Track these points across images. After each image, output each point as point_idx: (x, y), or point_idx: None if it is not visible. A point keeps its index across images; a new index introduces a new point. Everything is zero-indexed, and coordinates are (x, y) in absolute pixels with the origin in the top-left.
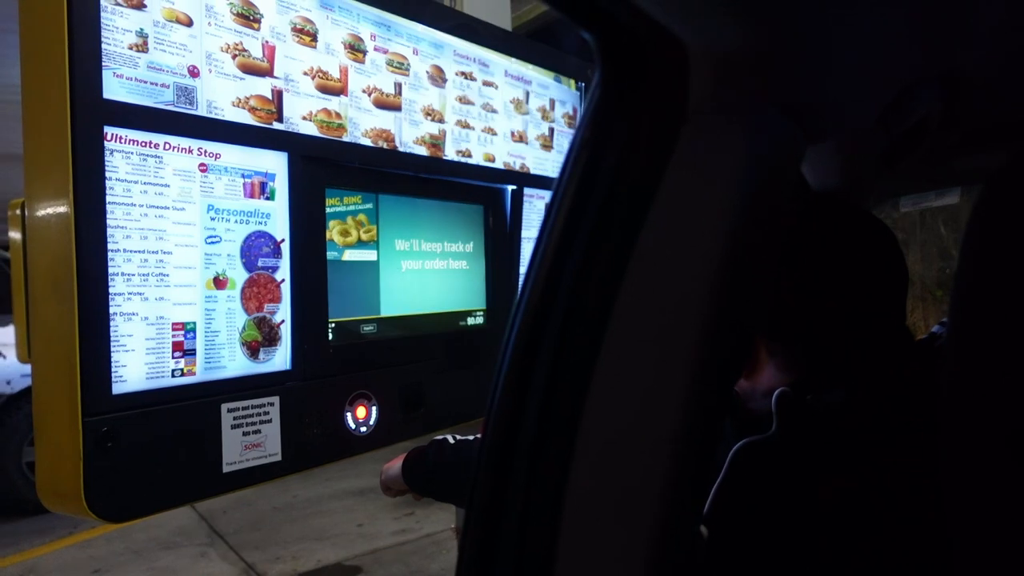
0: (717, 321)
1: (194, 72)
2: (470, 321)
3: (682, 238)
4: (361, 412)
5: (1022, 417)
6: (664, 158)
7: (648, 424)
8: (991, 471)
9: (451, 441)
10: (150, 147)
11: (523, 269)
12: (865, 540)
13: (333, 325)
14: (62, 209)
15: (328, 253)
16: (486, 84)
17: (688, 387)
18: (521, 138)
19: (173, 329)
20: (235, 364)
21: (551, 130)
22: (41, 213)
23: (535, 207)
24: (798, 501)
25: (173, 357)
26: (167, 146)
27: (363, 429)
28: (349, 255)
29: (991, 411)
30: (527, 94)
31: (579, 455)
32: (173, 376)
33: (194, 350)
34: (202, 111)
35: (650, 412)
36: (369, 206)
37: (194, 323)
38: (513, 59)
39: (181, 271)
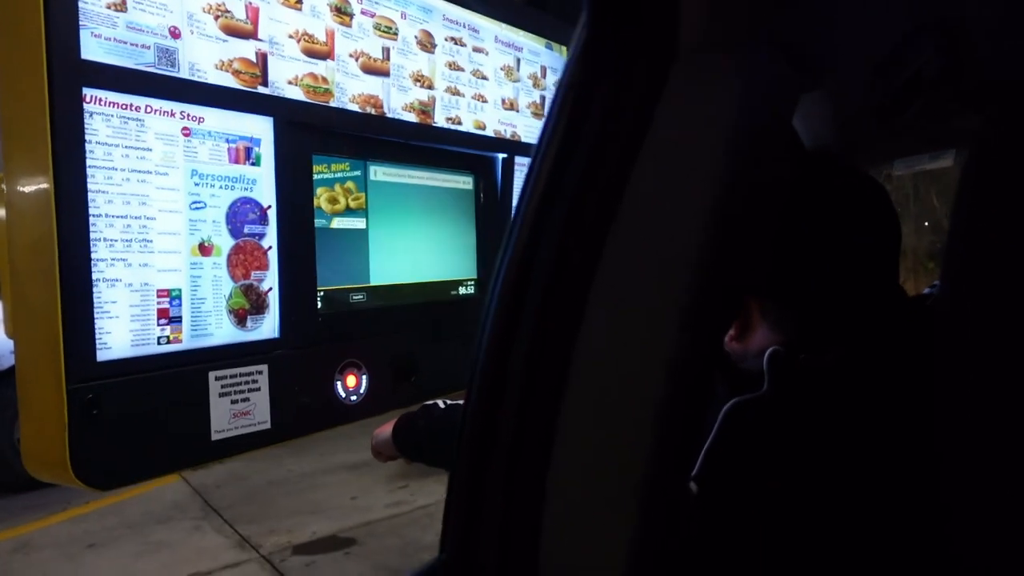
0: (708, 273)
1: (175, 33)
2: (461, 291)
3: (672, 184)
4: (351, 381)
5: (1011, 378)
6: (653, 98)
7: (637, 380)
8: (985, 436)
9: (441, 406)
10: (131, 110)
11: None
12: (857, 502)
13: (322, 293)
14: (41, 172)
15: (316, 221)
16: (476, 50)
17: (678, 341)
18: (512, 106)
19: (158, 296)
20: (222, 332)
21: (542, 98)
22: (20, 176)
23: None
24: (789, 460)
25: (159, 324)
26: (148, 109)
27: (353, 398)
28: (337, 223)
29: (983, 372)
30: (518, 61)
31: (565, 414)
32: (159, 343)
33: (180, 317)
34: (184, 73)
35: (639, 368)
36: (357, 173)
37: (179, 290)
38: (504, 25)
39: (165, 237)
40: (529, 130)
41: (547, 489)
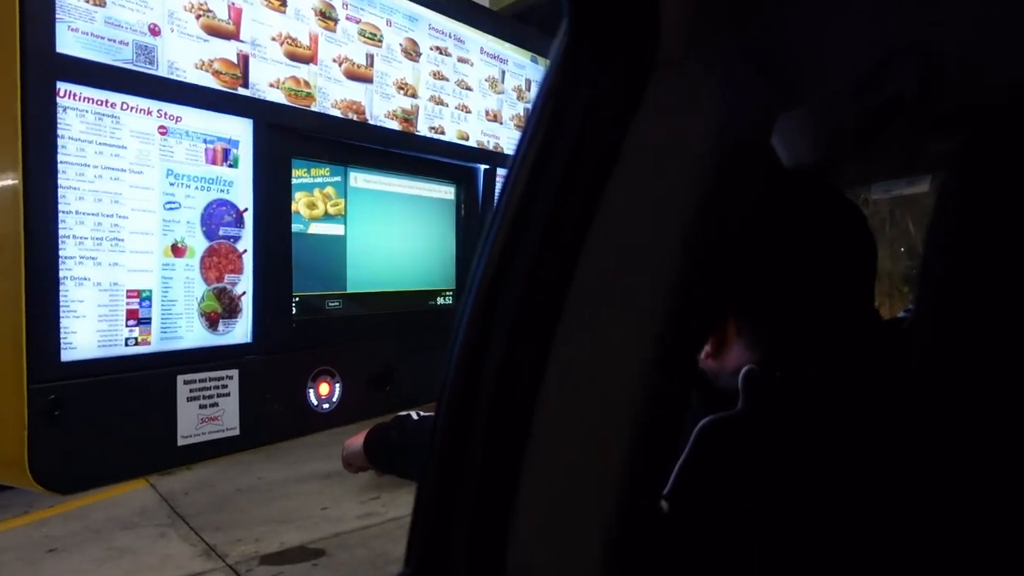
0: (685, 288)
1: (155, 30)
2: (439, 301)
3: (648, 197)
4: (324, 389)
5: (985, 400)
6: (631, 108)
7: (610, 397)
8: (956, 455)
9: (414, 417)
10: (106, 106)
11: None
12: (831, 522)
13: (297, 299)
14: (10, 166)
15: (293, 225)
16: (461, 60)
17: (652, 359)
18: (496, 117)
19: (127, 296)
20: (193, 335)
21: (526, 111)
22: None
23: None
24: (762, 479)
25: (127, 325)
26: (125, 106)
27: (326, 406)
28: (315, 228)
29: (956, 394)
30: (503, 73)
31: (536, 429)
32: (127, 345)
33: (149, 319)
34: (163, 71)
35: (612, 385)
36: (337, 179)
37: (150, 291)
38: (489, 36)
39: (137, 237)
40: (512, 142)
41: (517, 505)
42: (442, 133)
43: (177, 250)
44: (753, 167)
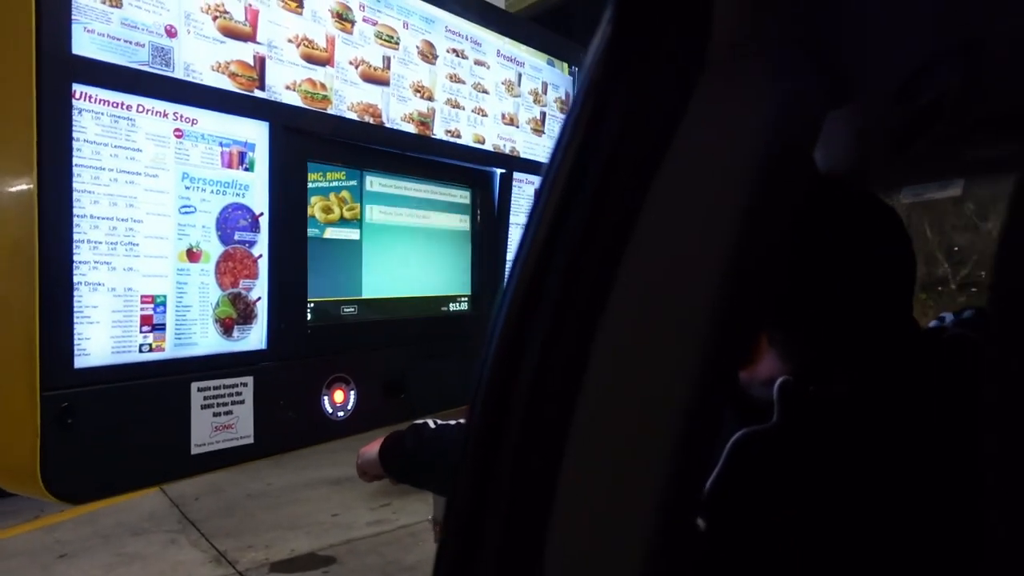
0: (728, 303)
1: (171, 32)
2: (453, 307)
3: (696, 205)
4: (339, 396)
5: None
6: (681, 107)
7: (647, 416)
8: None
9: (431, 426)
10: (122, 108)
11: (511, 256)
12: (867, 537)
13: (312, 305)
14: (25, 169)
15: (309, 230)
16: (478, 63)
17: (692, 377)
18: (512, 121)
19: (142, 302)
20: (207, 341)
21: (543, 114)
22: (2, 172)
23: (524, 192)
24: (799, 494)
25: (141, 331)
26: (140, 108)
27: (340, 414)
28: (331, 233)
29: None
30: (519, 76)
31: (571, 447)
32: (141, 351)
33: (164, 325)
34: (179, 73)
35: (651, 398)
36: (353, 183)
37: (164, 296)
38: (506, 39)
39: (152, 241)
40: (528, 146)
41: (551, 523)
42: (458, 136)
43: (192, 255)
44: (800, 173)
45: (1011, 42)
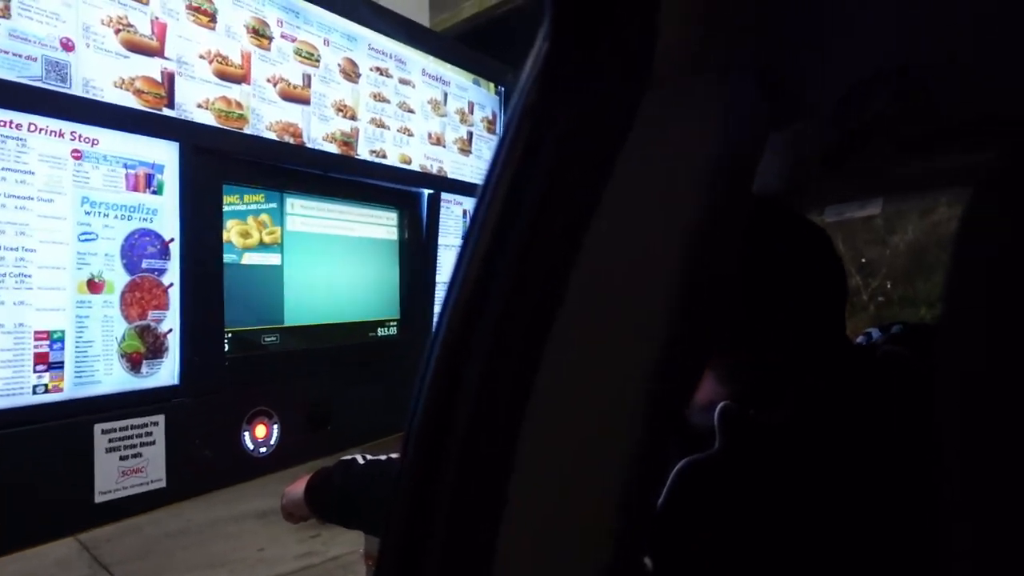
0: (678, 328)
1: (68, 45)
2: (381, 332)
3: (640, 228)
4: (261, 431)
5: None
6: (622, 131)
7: (595, 448)
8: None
9: (360, 461)
10: (11, 127)
11: (440, 278)
12: (819, 563)
13: (230, 335)
14: None
15: (225, 256)
16: (403, 82)
17: (641, 409)
18: (439, 140)
19: (36, 338)
20: (112, 379)
21: (470, 134)
22: None
23: (452, 213)
24: (745, 524)
25: (35, 371)
26: (32, 127)
27: (263, 450)
28: (249, 258)
29: (999, 410)
30: (445, 95)
31: (512, 483)
32: (35, 393)
33: (61, 363)
34: (77, 90)
35: (598, 434)
36: (273, 205)
37: (62, 332)
38: (431, 58)
39: (47, 272)
40: (456, 166)
41: (493, 559)
42: (384, 156)
43: (94, 285)
44: (745, 193)
45: (938, 67)
